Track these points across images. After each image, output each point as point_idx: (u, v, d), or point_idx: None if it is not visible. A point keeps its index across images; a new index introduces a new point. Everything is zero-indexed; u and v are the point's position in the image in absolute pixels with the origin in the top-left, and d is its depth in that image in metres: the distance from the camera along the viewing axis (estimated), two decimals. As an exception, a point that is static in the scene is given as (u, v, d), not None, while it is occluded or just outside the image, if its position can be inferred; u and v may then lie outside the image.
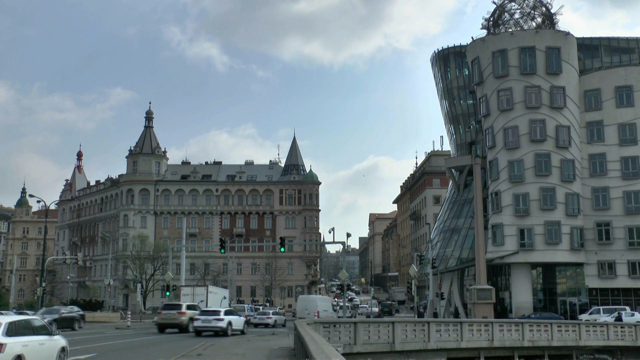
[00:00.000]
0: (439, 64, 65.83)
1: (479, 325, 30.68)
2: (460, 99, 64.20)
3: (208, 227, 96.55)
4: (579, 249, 53.58)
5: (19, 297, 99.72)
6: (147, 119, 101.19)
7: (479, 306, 47.14)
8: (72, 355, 19.92)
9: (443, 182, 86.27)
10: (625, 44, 59.46)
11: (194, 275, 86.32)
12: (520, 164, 54.45)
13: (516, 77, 55.29)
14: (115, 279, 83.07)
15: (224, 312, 32.43)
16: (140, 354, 21.64)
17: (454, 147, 66.82)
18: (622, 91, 55.62)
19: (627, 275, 53.20)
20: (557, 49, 55.33)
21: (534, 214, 53.48)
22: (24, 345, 13.81)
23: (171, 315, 34.79)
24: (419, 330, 27.33)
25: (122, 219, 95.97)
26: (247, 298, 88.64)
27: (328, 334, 23.76)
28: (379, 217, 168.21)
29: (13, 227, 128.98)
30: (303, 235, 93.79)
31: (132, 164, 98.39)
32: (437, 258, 59.01)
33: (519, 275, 54.66)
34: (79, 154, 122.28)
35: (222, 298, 49.43)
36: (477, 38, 59.11)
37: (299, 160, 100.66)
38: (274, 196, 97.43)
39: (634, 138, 54.68)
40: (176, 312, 34.89)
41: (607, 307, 49.54)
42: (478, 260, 52.76)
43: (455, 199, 63.39)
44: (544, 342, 32.70)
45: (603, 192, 54.69)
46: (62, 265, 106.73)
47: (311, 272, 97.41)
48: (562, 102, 54.73)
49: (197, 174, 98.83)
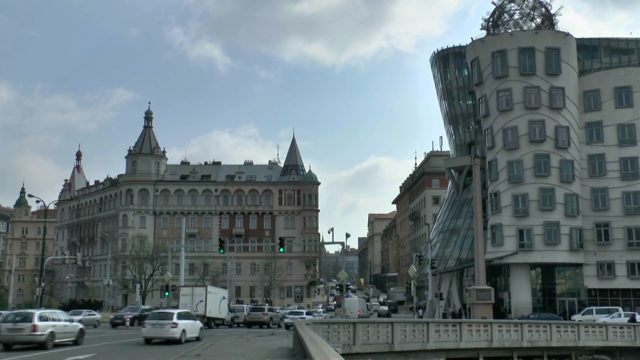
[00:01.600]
0: (438, 64, 65.84)
1: (477, 325, 30.69)
2: (459, 100, 64.20)
3: (207, 227, 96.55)
4: (578, 249, 53.59)
5: (18, 297, 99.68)
6: (146, 119, 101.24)
7: (478, 306, 47.16)
8: (72, 355, 19.99)
9: (442, 183, 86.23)
10: (624, 44, 59.48)
11: (193, 275, 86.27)
12: (519, 165, 54.45)
13: (515, 77, 55.30)
14: (114, 279, 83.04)
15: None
16: (139, 354, 21.63)
17: (454, 148, 66.83)
18: (621, 92, 55.63)
19: (626, 276, 53.21)
20: (557, 49, 55.34)
21: (533, 214, 53.48)
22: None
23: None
24: (418, 331, 27.35)
25: (121, 219, 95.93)
26: (246, 298, 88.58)
27: (327, 334, 23.75)
28: (378, 217, 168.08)
29: (12, 227, 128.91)
30: (302, 236, 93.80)
31: (131, 164, 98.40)
32: (436, 258, 59.01)
33: (518, 276, 54.66)
34: (78, 154, 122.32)
35: (221, 298, 49.34)
36: (476, 39, 59.15)
37: (299, 160, 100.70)
38: (273, 196, 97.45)
39: (633, 139, 54.68)
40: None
41: (600, 308, 49.54)
42: (477, 261, 52.77)
43: (455, 199, 63.39)
44: (543, 342, 32.70)
45: (602, 192, 54.69)
46: (61, 265, 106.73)
47: (310, 272, 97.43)
48: (562, 103, 54.74)
49: (196, 174, 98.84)
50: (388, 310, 75.27)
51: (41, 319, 22.78)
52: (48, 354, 20.96)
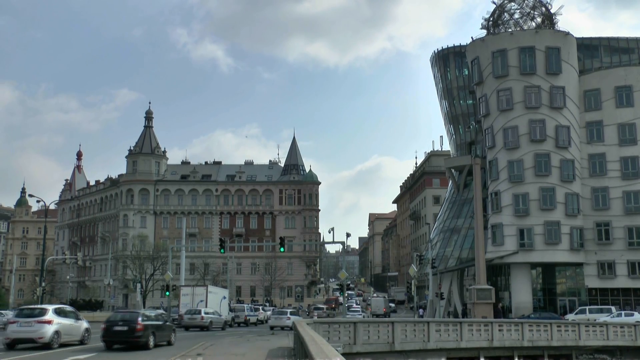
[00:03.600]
0: (438, 64, 65.80)
1: (478, 325, 30.68)
2: (460, 99, 64.16)
3: (208, 227, 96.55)
4: (578, 249, 53.57)
5: (18, 296, 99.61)
6: (146, 118, 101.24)
7: (479, 306, 47.14)
8: (71, 355, 19.98)
9: (443, 182, 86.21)
10: (625, 44, 59.43)
11: (193, 275, 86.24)
12: (519, 164, 54.43)
13: (516, 77, 55.26)
14: (114, 278, 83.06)
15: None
16: (139, 354, 21.62)
17: (454, 147, 66.80)
18: (621, 91, 55.59)
19: (626, 275, 53.18)
20: (557, 49, 55.31)
21: (533, 214, 53.46)
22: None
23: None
24: (419, 330, 27.35)
25: (122, 218, 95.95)
26: (247, 298, 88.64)
27: (328, 333, 23.75)
28: (379, 217, 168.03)
29: (13, 227, 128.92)
30: (303, 235, 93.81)
31: (131, 164, 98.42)
32: (437, 258, 58.99)
33: (519, 275, 54.64)
34: (79, 153, 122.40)
35: (221, 298, 49.42)
36: (476, 38, 59.13)
37: (299, 160, 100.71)
38: (273, 196, 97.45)
39: (634, 138, 54.65)
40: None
41: (594, 307, 49.58)
42: (478, 260, 52.75)
43: (455, 199, 63.36)
44: (544, 342, 32.70)
45: (603, 192, 54.67)
46: (62, 265, 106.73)
47: (311, 272, 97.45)
48: (562, 102, 54.71)
49: (196, 174, 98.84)
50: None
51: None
52: (51, 353, 20.93)
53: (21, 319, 22.46)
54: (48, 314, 22.43)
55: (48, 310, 22.92)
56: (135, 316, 23.04)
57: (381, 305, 67.74)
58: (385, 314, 64.53)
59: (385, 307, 67.62)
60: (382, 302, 69.18)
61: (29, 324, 22.05)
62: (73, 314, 24.64)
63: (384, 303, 69.11)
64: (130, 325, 22.26)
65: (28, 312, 23.23)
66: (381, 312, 64.84)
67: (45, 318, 22.20)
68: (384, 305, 67.81)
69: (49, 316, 22.30)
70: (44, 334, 21.79)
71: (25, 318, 22.42)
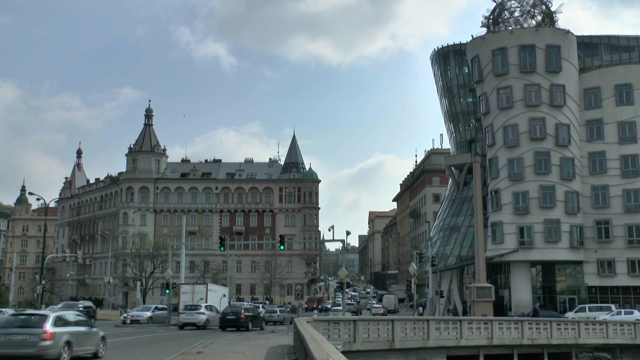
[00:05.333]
0: (438, 62, 65.76)
1: (478, 323, 30.69)
2: (460, 97, 64.14)
3: (208, 225, 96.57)
4: (578, 247, 53.60)
5: (18, 294, 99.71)
6: (147, 117, 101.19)
7: (479, 304, 47.14)
8: (71, 353, 19.90)
9: (443, 180, 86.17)
10: (625, 42, 59.41)
11: (193, 273, 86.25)
12: (519, 162, 54.42)
13: (516, 75, 55.23)
14: (114, 276, 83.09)
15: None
16: (140, 352, 21.65)
17: (454, 145, 66.78)
18: (622, 89, 55.57)
19: (626, 274, 53.21)
20: (557, 47, 55.27)
21: (533, 212, 53.47)
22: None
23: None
24: (419, 329, 27.35)
25: (122, 216, 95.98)
26: (247, 296, 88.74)
27: (327, 331, 23.76)
28: (379, 215, 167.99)
29: (13, 224, 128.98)
30: (302, 233, 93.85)
31: (131, 162, 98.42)
32: (437, 256, 59.01)
33: (519, 274, 54.66)
34: (79, 151, 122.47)
35: (221, 296, 49.45)
36: (477, 36, 59.09)
37: (299, 158, 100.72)
38: (273, 194, 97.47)
39: (634, 136, 54.64)
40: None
41: (594, 305, 49.60)
42: (477, 258, 52.71)
43: (455, 197, 63.37)
44: (544, 340, 32.71)
45: (603, 190, 54.68)
46: (62, 263, 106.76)
47: (311, 270, 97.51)
48: (562, 100, 54.69)
49: (196, 172, 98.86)
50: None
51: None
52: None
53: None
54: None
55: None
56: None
57: (392, 302, 76.43)
58: (395, 309, 72.75)
59: (395, 303, 76.52)
60: (392, 299, 78.16)
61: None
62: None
63: (394, 300, 78.38)
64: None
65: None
66: (392, 307, 72.49)
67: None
68: (395, 302, 77.06)
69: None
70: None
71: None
